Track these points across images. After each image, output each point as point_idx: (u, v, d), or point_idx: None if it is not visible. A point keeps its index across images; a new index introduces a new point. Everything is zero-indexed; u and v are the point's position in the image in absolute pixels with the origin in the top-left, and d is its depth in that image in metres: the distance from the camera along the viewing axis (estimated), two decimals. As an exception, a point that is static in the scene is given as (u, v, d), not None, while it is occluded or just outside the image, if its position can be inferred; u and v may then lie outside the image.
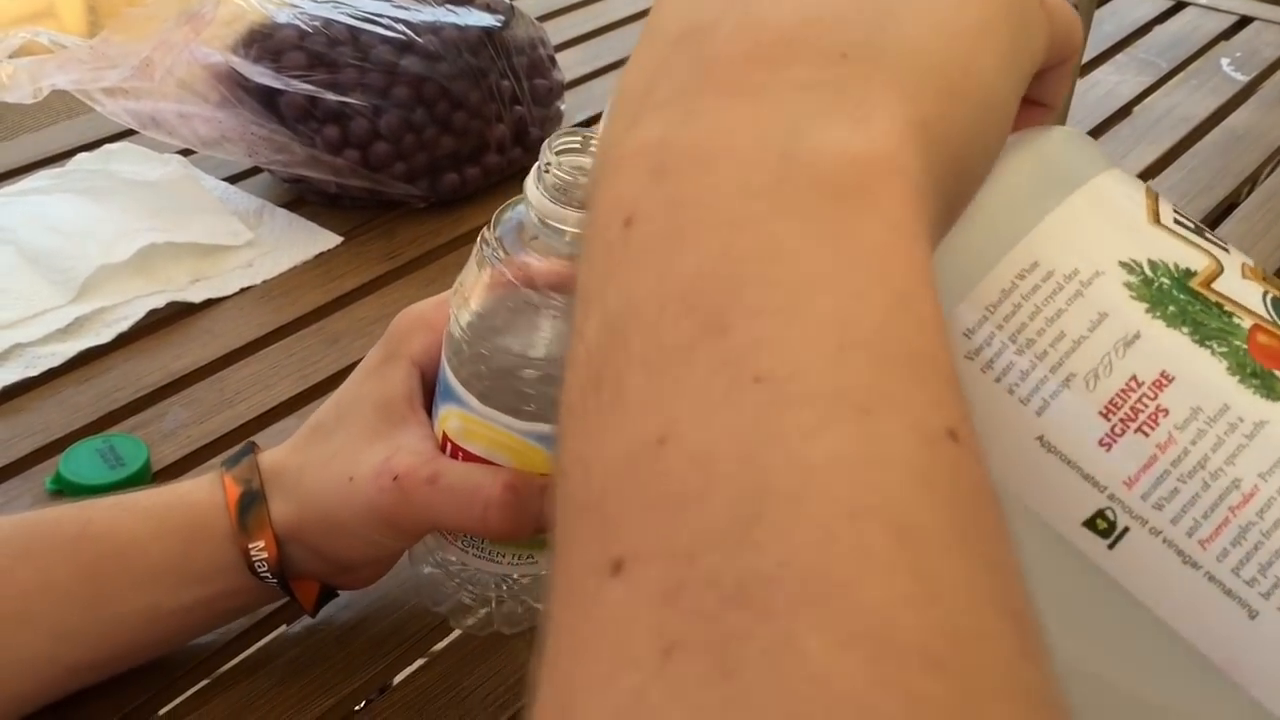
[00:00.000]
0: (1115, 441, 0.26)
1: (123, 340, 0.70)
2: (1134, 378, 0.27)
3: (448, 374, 0.46)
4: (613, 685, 0.17)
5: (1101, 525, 0.26)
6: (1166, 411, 0.26)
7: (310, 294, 0.76)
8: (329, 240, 0.81)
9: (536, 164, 0.43)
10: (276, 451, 0.48)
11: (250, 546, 0.45)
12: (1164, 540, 0.26)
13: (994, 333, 0.27)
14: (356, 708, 0.50)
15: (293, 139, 0.80)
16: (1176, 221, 0.29)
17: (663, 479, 0.19)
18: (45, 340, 0.69)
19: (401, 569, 0.52)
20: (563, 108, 0.92)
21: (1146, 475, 0.26)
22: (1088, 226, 0.28)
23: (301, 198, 0.85)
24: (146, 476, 0.60)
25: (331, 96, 0.79)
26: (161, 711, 0.49)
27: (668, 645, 0.17)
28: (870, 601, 0.17)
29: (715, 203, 0.22)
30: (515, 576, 0.49)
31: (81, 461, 0.59)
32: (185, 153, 0.87)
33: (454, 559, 0.49)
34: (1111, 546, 0.26)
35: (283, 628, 0.53)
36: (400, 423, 0.46)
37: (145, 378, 0.68)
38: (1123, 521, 0.26)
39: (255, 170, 0.87)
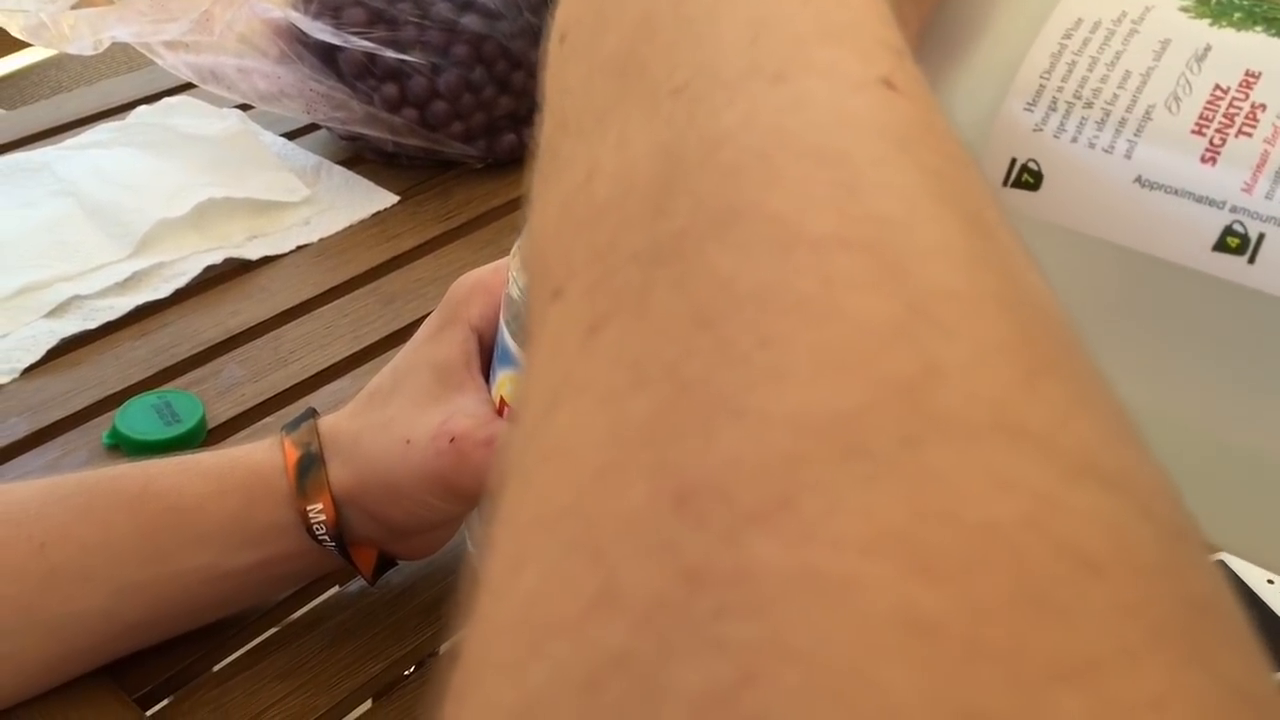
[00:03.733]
0: (1218, 153, 0.25)
1: (180, 296, 0.71)
2: (1217, 87, 0.25)
3: (506, 338, 0.46)
4: (545, 377, 0.17)
5: (1233, 243, 0.25)
6: (1263, 106, 0.25)
7: (366, 253, 0.76)
8: (385, 199, 0.80)
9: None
10: (335, 416, 0.48)
11: (309, 509, 0.45)
12: None
13: (1055, 97, 0.27)
14: (406, 672, 0.50)
15: (351, 96, 0.80)
16: None
17: (587, 205, 0.19)
18: (103, 294, 0.69)
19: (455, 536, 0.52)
20: (622, 69, 0.90)
21: (1263, 175, 0.25)
22: None
23: (359, 155, 0.85)
24: (202, 433, 0.60)
25: (390, 54, 0.78)
26: (213, 670, 0.49)
27: (592, 324, 0.17)
28: (777, 209, 0.16)
29: None
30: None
31: (137, 417, 0.60)
32: (244, 107, 0.86)
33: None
34: (1252, 260, 0.25)
35: (334, 589, 0.53)
36: (458, 387, 0.46)
37: (202, 334, 0.68)
38: (1255, 230, 0.25)
39: (313, 127, 0.87)
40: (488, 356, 0.48)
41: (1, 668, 0.44)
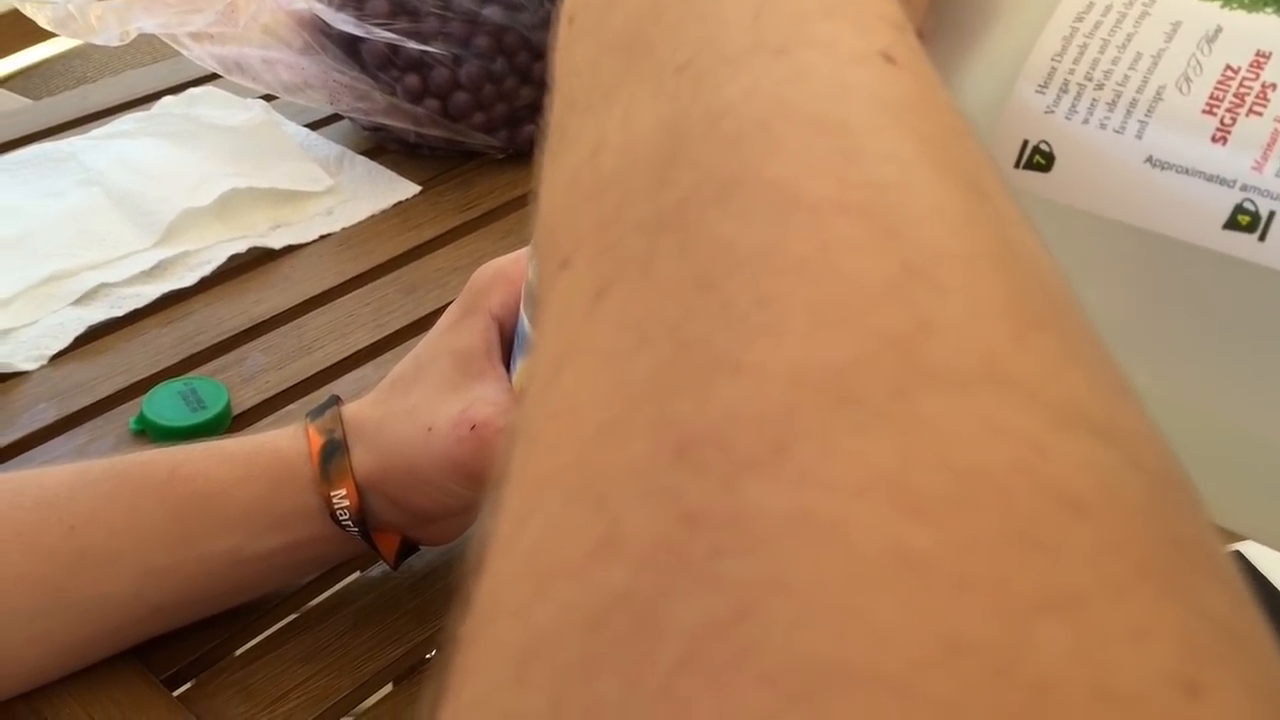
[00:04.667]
0: (1229, 133, 0.25)
1: (205, 284, 0.71)
2: (1228, 67, 0.26)
3: (526, 326, 0.46)
4: (552, 343, 0.18)
5: (1244, 220, 0.25)
6: (1274, 86, 0.25)
7: (388, 243, 0.77)
8: (407, 189, 0.81)
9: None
10: (359, 404, 0.48)
11: (332, 494, 0.46)
12: None
13: (1066, 79, 0.27)
14: (428, 656, 0.51)
15: (374, 87, 0.80)
16: None
17: (594, 179, 0.19)
18: (130, 282, 0.70)
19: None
20: (643, 60, 0.91)
21: (1274, 153, 0.25)
22: None
23: (381, 146, 0.86)
24: (227, 420, 0.61)
25: (413, 45, 0.79)
26: (237, 653, 0.50)
27: (598, 291, 0.17)
28: (776, 175, 0.17)
29: None
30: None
31: (164, 403, 0.60)
32: (268, 98, 0.87)
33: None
34: (1263, 237, 0.25)
35: (356, 574, 0.53)
36: (478, 375, 0.47)
37: (226, 322, 0.69)
38: (1266, 208, 0.25)
39: (336, 117, 0.87)
40: (508, 345, 0.48)
41: (33, 647, 0.45)
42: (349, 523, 0.47)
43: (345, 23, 0.78)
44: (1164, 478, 0.14)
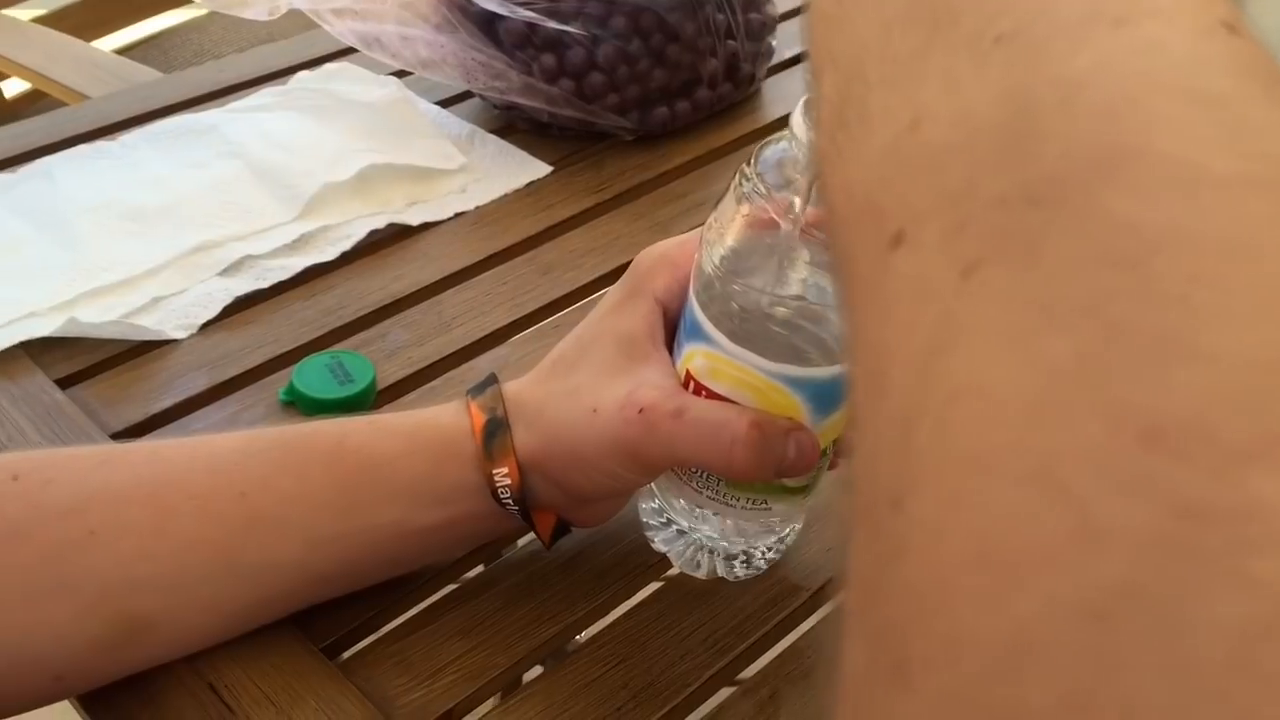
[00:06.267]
0: None
1: (345, 259, 0.72)
2: None
3: (696, 311, 0.46)
4: (914, 321, 0.17)
5: None
6: None
7: (521, 222, 0.77)
8: (539, 169, 0.81)
9: (804, 98, 0.42)
10: (519, 383, 0.48)
11: (494, 472, 0.46)
12: None
13: None
14: (578, 637, 0.51)
15: (510, 66, 0.80)
16: None
17: (922, 149, 0.19)
18: (274, 254, 0.71)
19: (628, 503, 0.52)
20: (773, 43, 0.90)
21: None
22: None
23: (510, 124, 0.86)
24: (372, 394, 0.62)
25: (551, 24, 0.79)
26: (388, 628, 0.50)
27: (966, 267, 0.17)
28: (1166, 150, 0.16)
29: None
30: (745, 523, 0.49)
31: (312, 375, 0.61)
32: (399, 74, 0.88)
33: (685, 500, 0.49)
34: None
35: (505, 553, 0.54)
36: (643, 358, 0.46)
37: (367, 296, 0.69)
38: None
39: (466, 94, 0.88)
40: (671, 329, 0.48)
41: (200, 611, 0.46)
42: (509, 501, 0.47)
43: (486, 1, 0.78)
44: None
